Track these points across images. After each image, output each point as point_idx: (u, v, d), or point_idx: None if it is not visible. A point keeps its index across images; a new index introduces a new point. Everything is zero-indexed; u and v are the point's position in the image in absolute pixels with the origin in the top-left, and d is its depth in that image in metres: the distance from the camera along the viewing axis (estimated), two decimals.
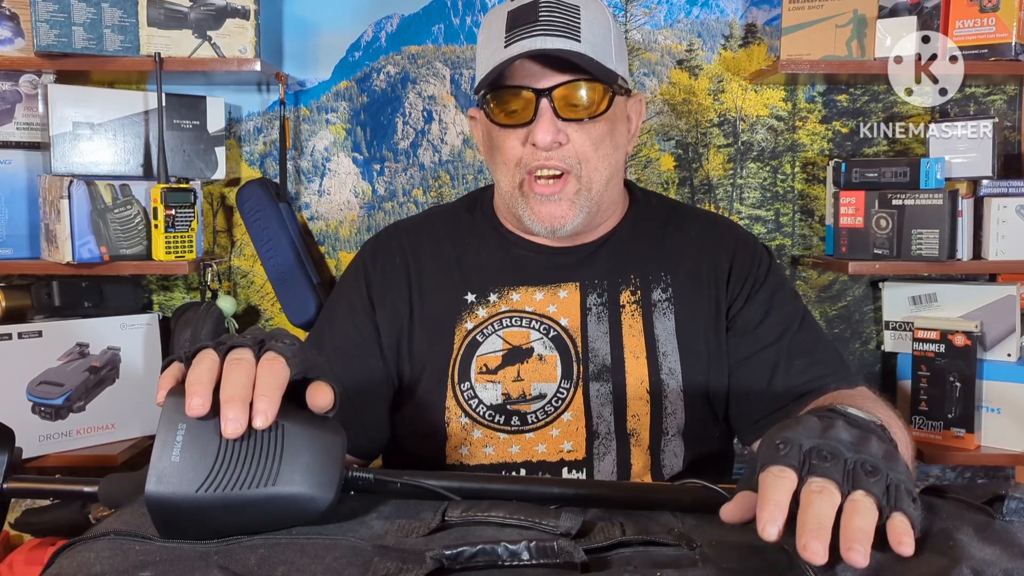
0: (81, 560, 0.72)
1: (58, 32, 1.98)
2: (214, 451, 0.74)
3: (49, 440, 2.02)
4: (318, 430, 0.79)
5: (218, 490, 0.73)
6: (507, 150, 1.27)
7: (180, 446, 0.74)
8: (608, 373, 1.28)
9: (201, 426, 0.75)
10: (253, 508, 0.75)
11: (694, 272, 1.35)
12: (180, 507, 0.73)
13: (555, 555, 0.68)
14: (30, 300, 2.09)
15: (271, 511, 0.76)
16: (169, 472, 0.73)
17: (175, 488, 0.73)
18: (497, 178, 1.32)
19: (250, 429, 0.74)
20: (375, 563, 0.69)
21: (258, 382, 0.75)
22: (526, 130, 1.25)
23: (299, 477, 0.75)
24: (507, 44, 1.22)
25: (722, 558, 0.73)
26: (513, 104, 1.24)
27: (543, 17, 1.22)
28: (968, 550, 0.66)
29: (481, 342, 1.30)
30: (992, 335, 2.13)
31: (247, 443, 0.75)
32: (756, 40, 2.30)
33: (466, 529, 0.80)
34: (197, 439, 0.74)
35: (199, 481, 0.73)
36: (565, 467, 1.26)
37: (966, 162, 2.09)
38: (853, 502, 0.65)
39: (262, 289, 2.33)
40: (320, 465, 0.77)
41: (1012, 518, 0.71)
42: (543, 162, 1.24)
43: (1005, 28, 2.02)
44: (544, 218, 1.27)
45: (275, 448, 0.76)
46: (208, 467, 0.74)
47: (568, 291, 1.33)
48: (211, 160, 2.20)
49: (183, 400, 0.74)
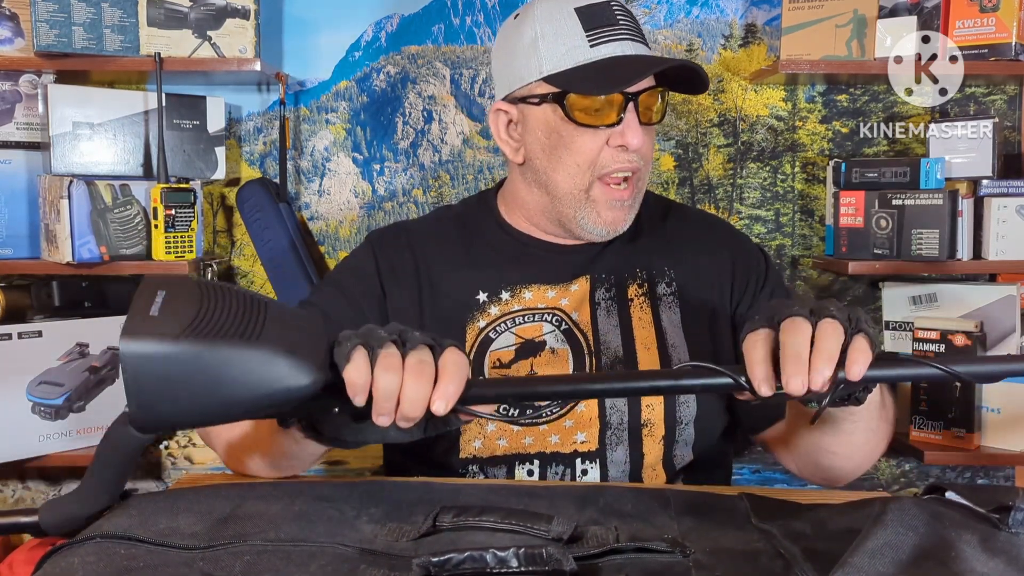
0: (65, 566, 0.72)
1: (58, 32, 1.98)
2: (196, 303, 0.71)
3: (49, 440, 2.03)
4: (303, 314, 0.77)
5: (200, 336, 0.69)
6: (584, 151, 1.26)
7: (159, 305, 0.70)
8: (621, 365, 1.29)
9: (182, 291, 0.71)
10: (234, 367, 0.70)
11: (695, 267, 1.37)
12: (157, 359, 0.69)
13: (544, 562, 0.68)
14: (30, 300, 2.10)
15: (252, 377, 0.71)
16: (148, 324, 0.69)
17: (153, 335, 0.69)
18: (555, 179, 1.30)
19: (234, 298, 0.73)
20: (361, 570, 0.69)
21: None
22: (608, 132, 1.25)
23: (283, 344, 0.72)
24: (593, 43, 1.23)
25: (716, 566, 0.72)
26: (599, 104, 1.24)
27: (621, 20, 1.24)
28: (970, 562, 0.65)
29: (494, 339, 1.30)
30: (992, 335, 2.12)
31: (230, 307, 0.71)
32: (756, 40, 2.30)
33: (456, 534, 0.80)
34: (177, 301, 0.71)
35: (179, 328, 0.69)
36: (579, 458, 1.25)
37: (966, 162, 2.09)
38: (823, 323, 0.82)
39: (262, 289, 2.32)
40: (305, 341, 0.74)
41: (1018, 530, 0.70)
42: (624, 164, 1.26)
43: (1005, 28, 2.01)
44: (609, 222, 1.29)
45: (258, 316, 0.72)
46: (189, 318, 0.70)
47: (578, 284, 1.34)
48: (211, 160, 2.20)
49: (161, 277, 0.72)
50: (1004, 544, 0.68)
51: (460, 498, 0.90)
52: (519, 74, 1.29)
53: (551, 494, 0.92)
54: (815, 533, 0.76)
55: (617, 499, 0.91)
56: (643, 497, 0.92)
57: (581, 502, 0.90)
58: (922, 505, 0.72)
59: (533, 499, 0.91)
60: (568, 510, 0.87)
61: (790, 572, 0.66)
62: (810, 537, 0.75)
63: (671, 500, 0.90)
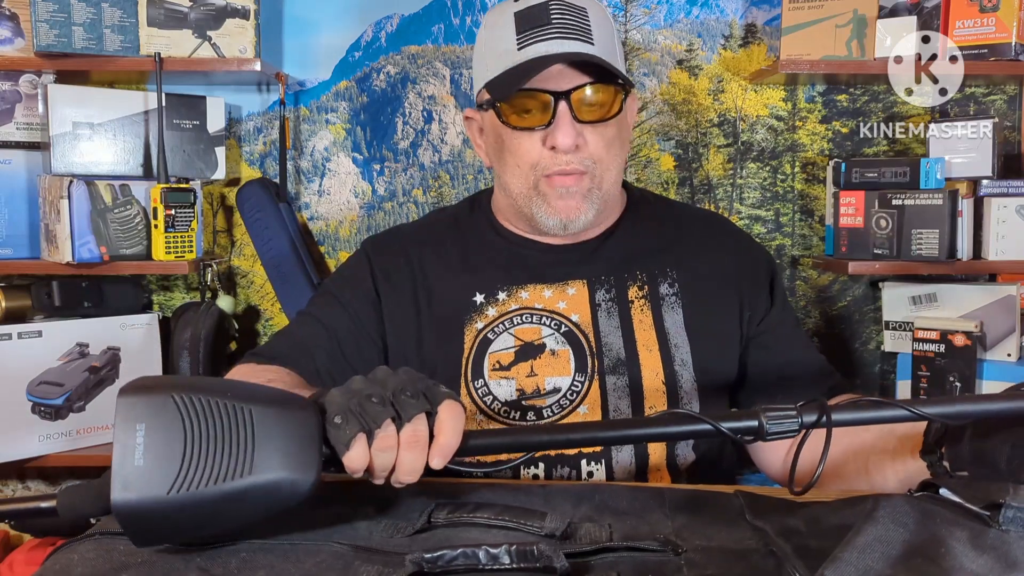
0: (64, 562, 0.72)
1: (58, 32, 1.99)
2: (180, 448, 0.70)
3: (49, 440, 2.03)
4: (288, 410, 0.75)
5: (191, 488, 0.69)
6: (522, 153, 1.26)
7: (142, 448, 0.69)
8: (623, 366, 1.29)
9: (162, 423, 0.70)
10: (232, 502, 0.71)
11: (697, 267, 1.37)
12: (152, 512, 0.69)
13: (535, 559, 0.68)
14: (30, 300, 2.10)
15: (252, 502, 0.71)
16: (134, 477, 0.69)
17: (143, 492, 0.69)
18: (506, 181, 1.31)
19: (217, 417, 0.71)
20: (355, 567, 0.69)
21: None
22: (543, 133, 1.24)
23: (276, 461, 0.71)
24: (520, 46, 1.22)
25: (708, 564, 0.72)
26: (529, 106, 1.24)
27: (556, 19, 1.22)
28: (959, 559, 0.65)
29: (493, 340, 1.30)
30: (992, 335, 2.12)
31: (215, 434, 0.70)
32: (756, 40, 2.30)
33: (451, 531, 0.80)
34: (159, 438, 0.70)
35: (168, 482, 0.69)
36: (584, 459, 1.25)
37: (966, 162, 2.09)
38: None
39: (262, 289, 2.33)
40: (297, 445, 0.73)
41: (1008, 527, 0.70)
42: (563, 167, 1.24)
43: (1005, 28, 2.01)
44: (560, 210, 1.27)
45: (246, 435, 0.71)
46: (176, 466, 0.69)
47: (576, 288, 1.33)
48: (211, 160, 2.21)
49: (137, 399, 0.71)
50: (994, 541, 0.68)
51: (455, 495, 0.90)
52: (475, 82, 1.33)
53: (547, 491, 0.92)
54: (808, 530, 0.76)
55: (612, 497, 0.91)
56: (638, 494, 0.91)
57: (576, 499, 0.90)
58: (913, 502, 0.72)
59: (529, 496, 0.91)
60: (563, 507, 0.87)
61: (782, 570, 0.66)
62: (803, 534, 0.75)
63: (666, 497, 0.90)
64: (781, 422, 0.82)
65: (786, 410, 0.82)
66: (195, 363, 2.13)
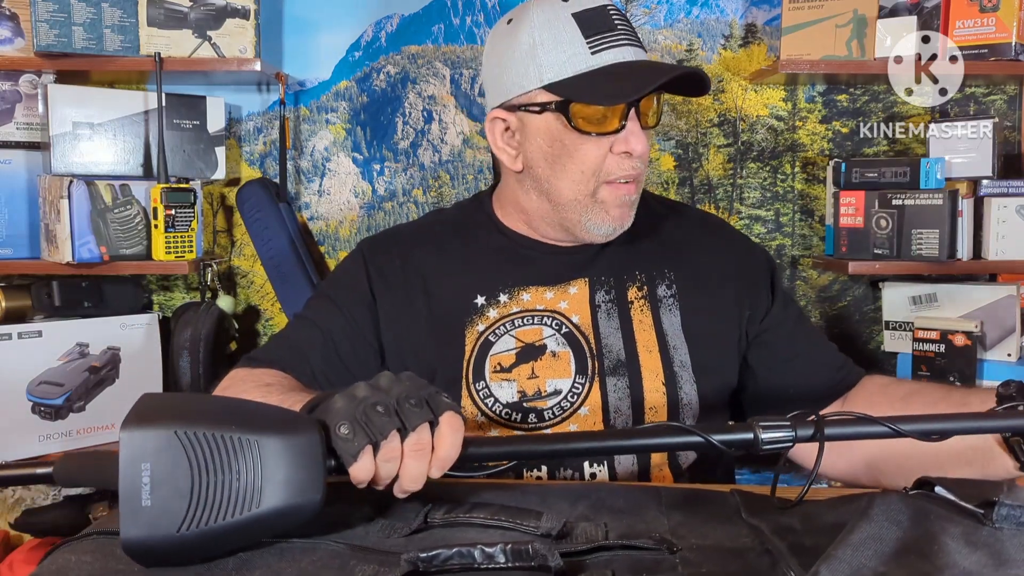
0: (61, 563, 0.72)
1: (58, 32, 1.99)
2: (187, 486, 0.70)
3: (49, 440, 2.03)
4: (293, 434, 0.75)
5: (201, 525, 0.70)
6: (588, 159, 1.25)
7: (148, 488, 0.69)
8: (624, 368, 1.29)
9: (167, 461, 0.70)
10: (241, 531, 0.72)
11: (696, 269, 1.37)
12: (163, 549, 0.70)
13: (530, 558, 0.68)
14: (30, 300, 2.10)
15: (260, 529, 0.73)
16: (143, 517, 0.69)
17: (153, 532, 0.69)
18: (556, 186, 1.29)
19: (222, 451, 0.72)
20: (351, 566, 0.69)
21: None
22: (611, 139, 1.24)
23: (283, 490, 0.73)
24: (594, 51, 1.22)
25: (703, 562, 0.72)
26: (602, 112, 1.23)
27: (619, 25, 1.23)
28: (953, 556, 0.65)
29: (494, 342, 1.30)
30: (992, 335, 2.12)
31: (220, 468, 0.71)
32: (756, 40, 2.30)
33: (447, 531, 0.80)
34: (166, 477, 0.70)
35: (177, 521, 0.69)
36: (586, 461, 1.26)
37: (966, 162, 2.09)
38: None
39: (262, 289, 2.33)
40: (303, 470, 0.74)
41: (1002, 525, 0.71)
42: (628, 171, 1.26)
43: (1005, 28, 2.01)
44: (616, 218, 1.29)
45: (252, 467, 0.72)
46: (184, 504, 0.70)
47: (578, 286, 1.34)
48: (211, 160, 2.21)
49: (141, 435, 0.71)
50: (987, 538, 0.68)
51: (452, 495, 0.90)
52: (517, 81, 1.27)
53: (543, 491, 0.92)
54: (803, 528, 0.76)
55: (609, 495, 0.91)
56: (635, 493, 0.92)
57: (573, 498, 0.90)
58: (907, 500, 0.72)
59: (526, 496, 0.91)
60: (559, 506, 0.87)
61: (776, 568, 0.66)
62: (798, 532, 0.75)
63: (662, 496, 0.90)
64: (775, 433, 0.82)
65: (780, 422, 0.82)
66: (195, 363, 2.13)
